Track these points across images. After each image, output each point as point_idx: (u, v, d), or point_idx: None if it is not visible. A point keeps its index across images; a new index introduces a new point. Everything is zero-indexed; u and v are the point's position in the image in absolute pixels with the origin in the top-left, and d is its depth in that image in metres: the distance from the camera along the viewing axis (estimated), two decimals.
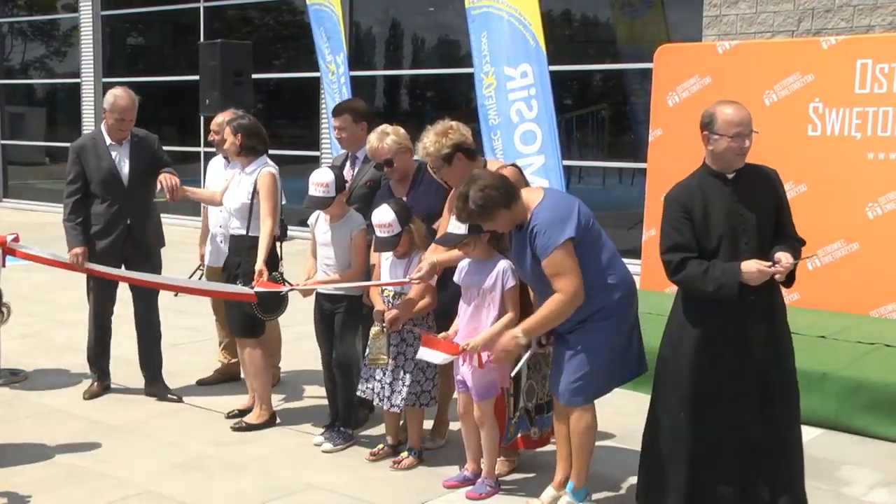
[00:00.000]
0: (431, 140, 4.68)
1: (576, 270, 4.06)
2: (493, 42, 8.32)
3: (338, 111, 5.65)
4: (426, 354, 4.49)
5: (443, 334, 4.58)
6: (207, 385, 6.30)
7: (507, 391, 4.62)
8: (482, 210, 4.11)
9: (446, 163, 4.67)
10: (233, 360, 6.36)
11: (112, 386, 6.17)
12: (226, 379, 6.35)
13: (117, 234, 5.84)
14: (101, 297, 6.01)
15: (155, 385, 6.06)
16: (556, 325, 4.14)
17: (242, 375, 5.84)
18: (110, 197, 5.82)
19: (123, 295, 6.06)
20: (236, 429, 5.46)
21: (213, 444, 5.20)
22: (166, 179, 5.71)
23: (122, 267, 5.91)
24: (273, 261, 5.44)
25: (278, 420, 5.58)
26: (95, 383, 6.09)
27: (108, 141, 5.86)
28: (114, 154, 5.85)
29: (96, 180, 5.83)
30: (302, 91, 14.47)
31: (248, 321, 5.42)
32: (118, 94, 5.82)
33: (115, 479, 4.67)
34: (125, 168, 5.85)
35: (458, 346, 4.39)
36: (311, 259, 5.26)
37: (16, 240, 5.76)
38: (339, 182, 4.98)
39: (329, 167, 5.10)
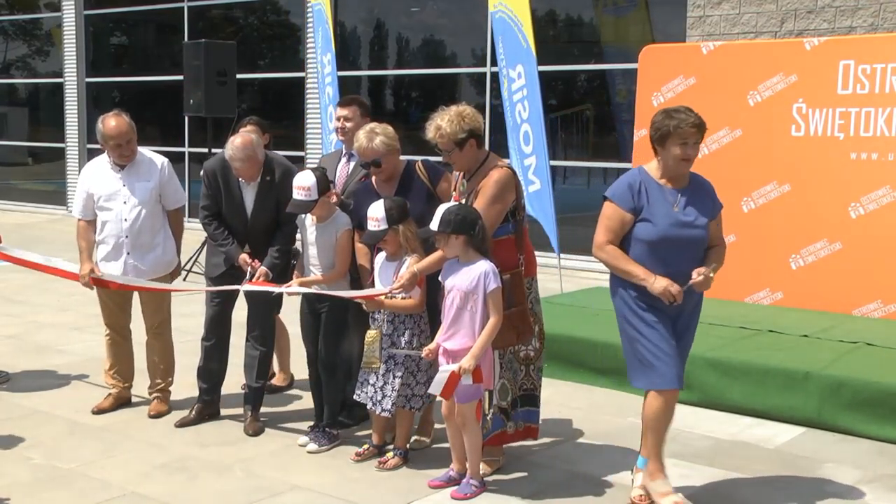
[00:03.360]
0: (447, 121, 4.61)
1: None
2: (506, 45, 8.35)
3: (347, 102, 5.57)
4: (435, 388, 4.45)
5: (425, 349, 4.58)
6: (104, 413, 5.69)
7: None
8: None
9: (458, 147, 4.63)
10: (125, 385, 5.88)
11: (95, 387, 6.14)
12: (120, 405, 5.83)
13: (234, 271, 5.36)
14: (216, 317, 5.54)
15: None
16: None
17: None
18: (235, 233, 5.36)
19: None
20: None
21: (196, 446, 5.18)
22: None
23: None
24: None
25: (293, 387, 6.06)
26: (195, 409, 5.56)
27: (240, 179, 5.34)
28: (243, 190, 5.35)
29: (224, 211, 5.38)
30: (286, 91, 14.45)
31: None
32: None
33: (98, 481, 4.65)
34: (249, 205, 5.35)
35: (454, 373, 4.34)
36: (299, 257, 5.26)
37: None
38: (322, 184, 4.93)
39: (312, 169, 5.05)
